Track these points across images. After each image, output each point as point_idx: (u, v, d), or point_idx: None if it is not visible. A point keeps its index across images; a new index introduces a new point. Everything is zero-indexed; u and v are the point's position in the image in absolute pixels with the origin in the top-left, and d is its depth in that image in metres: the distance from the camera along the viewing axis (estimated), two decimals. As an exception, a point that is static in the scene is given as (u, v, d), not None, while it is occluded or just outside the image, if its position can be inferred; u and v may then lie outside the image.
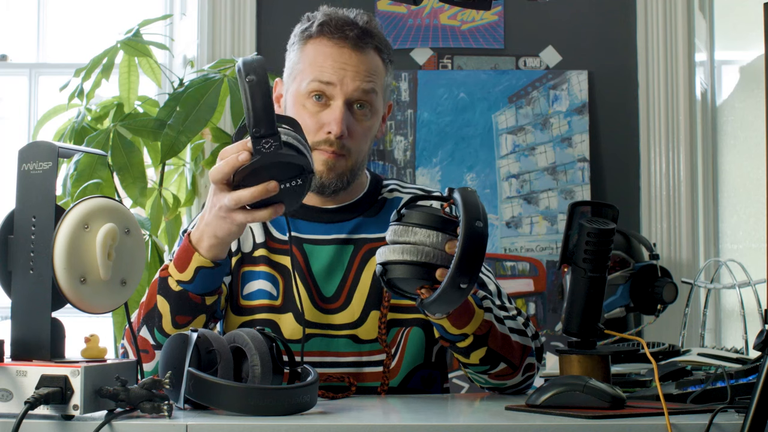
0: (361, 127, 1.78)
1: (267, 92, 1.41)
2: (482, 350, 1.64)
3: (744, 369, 1.48)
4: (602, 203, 1.56)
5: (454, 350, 1.66)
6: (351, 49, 1.76)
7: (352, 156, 1.78)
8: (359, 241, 1.81)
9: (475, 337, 1.62)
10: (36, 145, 1.27)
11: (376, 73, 1.79)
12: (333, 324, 1.77)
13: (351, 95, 1.75)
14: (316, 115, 1.76)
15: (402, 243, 1.47)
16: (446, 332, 1.61)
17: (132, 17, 3.33)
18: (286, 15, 3.35)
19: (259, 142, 1.41)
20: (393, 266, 1.48)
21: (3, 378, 1.21)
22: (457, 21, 3.40)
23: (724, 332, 3.44)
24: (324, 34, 1.77)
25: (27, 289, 1.24)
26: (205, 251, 1.58)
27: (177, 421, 1.23)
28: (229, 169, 1.45)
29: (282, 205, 1.48)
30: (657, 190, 3.33)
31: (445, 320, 1.59)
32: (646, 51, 3.37)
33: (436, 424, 1.32)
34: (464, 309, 1.60)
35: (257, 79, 1.41)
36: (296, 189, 1.46)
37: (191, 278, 1.59)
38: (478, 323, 1.61)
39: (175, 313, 1.61)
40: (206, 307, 1.63)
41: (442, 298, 1.43)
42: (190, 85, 2.89)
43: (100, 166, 2.80)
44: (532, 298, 3.29)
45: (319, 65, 1.76)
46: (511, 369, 1.68)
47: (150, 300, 1.63)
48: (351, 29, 1.77)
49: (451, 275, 1.40)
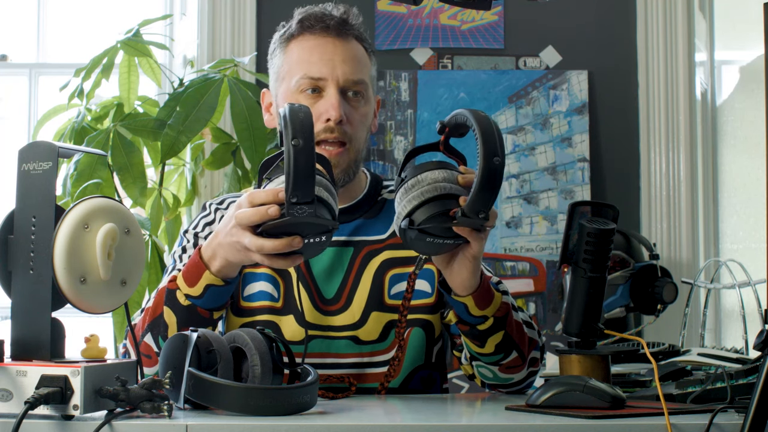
0: (358, 114, 1.78)
1: (311, 158, 1.37)
2: (500, 335, 1.64)
3: (744, 369, 1.48)
4: (602, 203, 1.56)
5: (471, 336, 1.65)
6: (335, 38, 1.78)
7: (353, 144, 1.78)
8: (359, 243, 1.81)
9: (495, 320, 1.62)
10: (36, 145, 1.27)
11: (362, 60, 1.80)
12: (333, 326, 1.77)
13: (343, 83, 1.76)
14: (311, 107, 1.75)
15: (417, 190, 1.46)
16: (468, 314, 1.61)
17: (132, 17, 3.33)
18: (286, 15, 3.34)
19: (293, 207, 1.38)
20: (418, 212, 1.45)
21: (3, 378, 1.21)
22: (457, 21, 3.40)
23: (724, 332, 3.44)
24: (305, 30, 1.79)
25: (27, 289, 1.24)
26: (216, 271, 1.58)
27: (177, 421, 1.23)
28: (258, 220, 1.44)
29: (301, 256, 1.48)
30: (657, 190, 3.33)
31: (470, 298, 1.59)
32: (646, 51, 3.37)
33: (436, 424, 1.32)
34: (486, 289, 1.61)
35: (303, 144, 1.36)
36: (319, 244, 1.46)
37: (201, 294, 1.59)
38: (497, 305, 1.62)
39: (182, 326, 1.60)
40: (213, 321, 1.63)
41: (475, 201, 1.41)
42: (190, 85, 2.89)
43: (100, 166, 2.79)
44: (532, 298, 3.29)
45: (306, 60, 1.77)
46: (520, 360, 1.69)
47: (156, 308, 1.63)
48: (330, 19, 1.79)
49: (478, 183, 1.41)
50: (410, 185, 1.47)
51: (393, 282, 1.79)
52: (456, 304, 1.62)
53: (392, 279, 1.79)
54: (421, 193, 1.46)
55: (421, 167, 1.49)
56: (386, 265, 1.79)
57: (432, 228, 1.46)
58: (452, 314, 1.65)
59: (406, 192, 1.47)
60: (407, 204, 1.46)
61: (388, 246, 1.81)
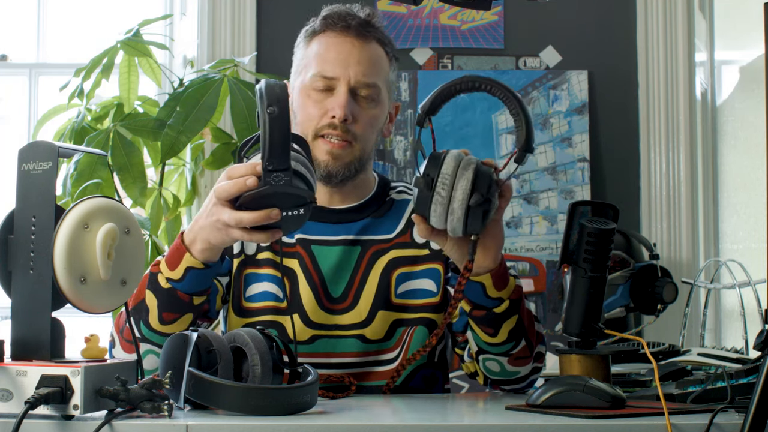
0: (367, 115, 1.79)
1: (286, 126, 1.41)
2: (514, 319, 1.65)
3: (744, 369, 1.48)
4: (602, 203, 1.56)
5: (487, 322, 1.65)
6: (354, 38, 1.79)
7: (358, 142, 1.78)
8: (367, 242, 1.81)
9: (511, 302, 1.64)
10: (36, 145, 1.27)
11: (379, 63, 1.81)
12: (340, 324, 1.77)
13: (355, 83, 1.77)
14: (321, 103, 1.77)
15: (460, 176, 1.51)
16: (485, 296, 1.62)
17: (132, 17, 3.32)
18: (286, 15, 3.35)
19: (270, 175, 1.41)
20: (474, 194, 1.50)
21: (3, 378, 1.21)
22: (457, 21, 3.40)
23: (724, 332, 3.44)
24: (328, 27, 1.81)
25: (27, 289, 1.24)
26: (198, 253, 1.58)
27: (177, 421, 1.23)
28: (236, 191, 1.45)
29: (280, 230, 1.49)
30: (657, 190, 3.33)
31: (488, 277, 1.60)
32: (646, 51, 3.37)
33: (437, 424, 1.32)
34: (504, 271, 1.63)
35: (278, 112, 1.40)
36: (297, 217, 1.47)
37: (181, 277, 1.60)
38: (512, 288, 1.65)
39: (162, 310, 1.61)
40: (194, 307, 1.63)
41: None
42: (190, 85, 2.89)
43: (100, 166, 2.79)
44: (532, 298, 3.29)
45: (323, 57, 1.78)
46: (528, 351, 1.70)
47: (139, 293, 1.64)
48: (353, 19, 1.80)
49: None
50: (445, 175, 1.51)
51: (400, 281, 1.80)
52: (472, 287, 1.62)
53: (399, 278, 1.80)
54: (465, 177, 1.50)
55: (437, 160, 1.53)
56: (393, 264, 1.80)
57: (488, 203, 1.52)
58: (466, 303, 1.65)
59: (445, 185, 1.50)
60: (462, 191, 1.50)
61: (395, 245, 1.81)
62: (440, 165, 1.52)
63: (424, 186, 1.52)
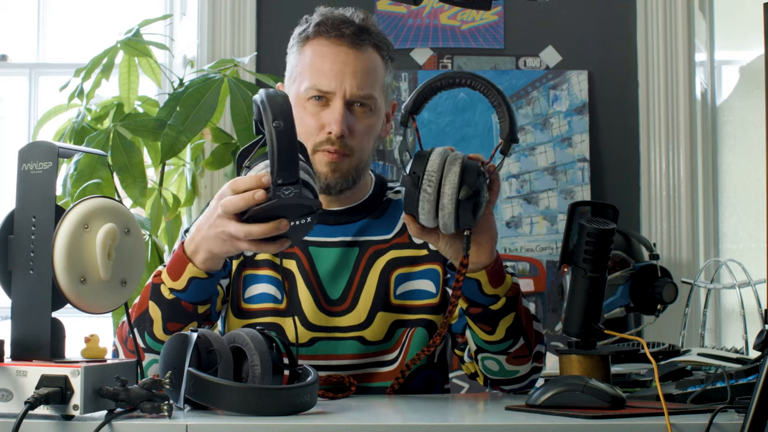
0: (363, 126, 1.78)
1: (293, 139, 1.39)
2: (511, 316, 1.65)
3: (744, 369, 1.48)
4: (602, 203, 1.56)
5: (483, 319, 1.65)
6: (348, 47, 1.76)
7: (355, 154, 1.77)
8: (365, 243, 1.81)
9: (507, 300, 1.63)
10: (36, 145, 1.27)
11: (375, 71, 1.79)
12: (339, 326, 1.77)
13: (350, 96, 1.75)
14: (317, 116, 1.75)
15: (447, 171, 1.51)
16: (481, 293, 1.62)
17: (132, 17, 3.32)
18: (286, 15, 3.35)
19: (279, 189, 1.40)
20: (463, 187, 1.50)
21: (3, 378, 1.21)
22: (457, 21, 3.40)
23: (724, 332, 3.44)
24: (321, 34, 1.77)
25: (27, 289, 1.24)
26: (200, 263, 1.58)
27: (177, 421, 1.23)
28: (244, 206, 1.44)
29: (288, 240, 1.48)
30: (657, 190, 3.33)
31: (483, 274, 1.60)
32: (646, 51, 3.37)
33: (437, 424, 1.32)
34: (499, 268, 1.62)
35: (284, 126, 1.39)
36: (305, 226, 1.46)
37: (184, 287, 1.59)
38: (509, 285, 1.64)
39: (166, 320, 1.61)
40: (198, 315, 1.63)
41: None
42: (190, 85, 2.89)
43: (100, 166, 2.79)
44: (532, 298, 3.29)
45: (317, 68, 1.76)
46: (527, 350, 1.69)
47: (142, 304, 1.63)
48: (347, 27, 1.77)
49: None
50: (431, 172, 1.50)
51: (398, 282, 1.79)
52: (468, 284, 1.61)
53: (398, 279, 1.79)
54: (453, 172, 1.50)
55: (423, 158, 1.52)
56: (392, 264, 1.80)
57: (478, 196, 1.51)
58: (462, 300, 1.65)
59: (431, 181, 1.50)
60: (450, 186, 1.50)
61: (394, 246, 1.81)
62: (425, 162, 1.52)
63: (410, 185, 1.52)
